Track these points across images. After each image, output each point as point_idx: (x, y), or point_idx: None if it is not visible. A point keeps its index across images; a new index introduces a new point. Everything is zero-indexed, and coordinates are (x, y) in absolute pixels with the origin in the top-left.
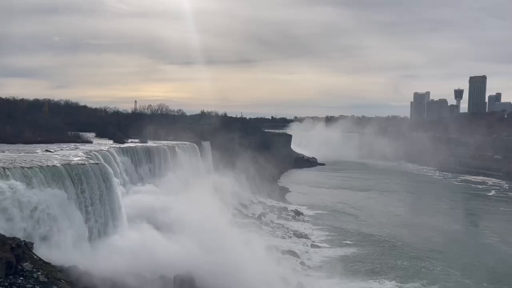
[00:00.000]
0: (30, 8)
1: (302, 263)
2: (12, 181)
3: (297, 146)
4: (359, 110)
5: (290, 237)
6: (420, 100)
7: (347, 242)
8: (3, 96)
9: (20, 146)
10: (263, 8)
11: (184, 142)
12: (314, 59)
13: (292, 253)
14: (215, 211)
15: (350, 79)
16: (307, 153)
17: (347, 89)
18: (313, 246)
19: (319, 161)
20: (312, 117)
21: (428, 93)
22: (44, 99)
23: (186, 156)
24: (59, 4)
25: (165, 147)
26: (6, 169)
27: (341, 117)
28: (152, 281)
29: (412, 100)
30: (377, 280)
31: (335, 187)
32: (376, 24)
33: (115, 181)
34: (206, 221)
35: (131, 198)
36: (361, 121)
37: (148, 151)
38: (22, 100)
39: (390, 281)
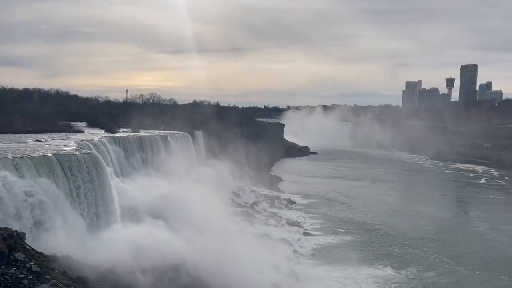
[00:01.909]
0: None
1: (295, 251)
2: (3, 172)
3: (289, 135)
4: (351, 99)
5: (283, 225)
6: (412, 89)
7: (340, 230)
8: None
9: (11, 136)
10: None
11: (176, 132)
12: (306, 47)
13: (285, 241)
14: (208, 200)
15: (342, 68)
16: (299, 142)
17: (339, 78)
18: (305, 234)
19: (311, 150)
20: (305, 106)
21: (420, 81)
22: (34, 88)
23: (179, 145)
24: None
25: (157, 136)
26: None
27: (334, 106)
28: (145, 270)
29: (404, 89)
30: (372, 267)
31: (327, 176)
32: (368, 13)
33: (107, 170)
34: (199, 210)
35: (123, 187)
36: (354, 110)
37: (140, 141)
38: (11, 89)
39: (385, 267)
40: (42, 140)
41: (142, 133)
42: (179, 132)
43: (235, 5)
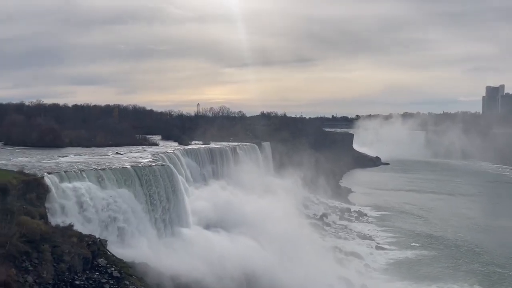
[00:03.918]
0: (98, 19)
1: (367, 265)
2: (88, 182)
3: (359, 145)
4: (424, 107)
5: (354, 238)
6: (494, 94)
7: (415, 244)
8: (78, 103)
9: (94, 149)
10: (319, 5)
11: (245, 143)
12: (374, 55)
13: (356, 255)
14: (278, 211)
15: (413, 74)
16: (370, 152)
17: (410, 85)
18: (378, 248)
19: (383, 160)
20: (375, 115)
21: (502, 86)
22: (114, 105)
23: (247, 156)
24: (123, 13)
25: (226, 148)
26: (82, 171)
27: (406, 114)
28: (218, 279)
29: (484, 94)
30: (455, 284)
31: (400, 188)
32: (440, 15)
33: (180, 181)
34: (270, 221)
35: (195, 197)
36: (428, 118)
37: (211, 152)
38: (94, 106)
39: (470, 286)
40: (121, 153)
41: (212, 145)
42: (248, 143)
43: (299, 16)
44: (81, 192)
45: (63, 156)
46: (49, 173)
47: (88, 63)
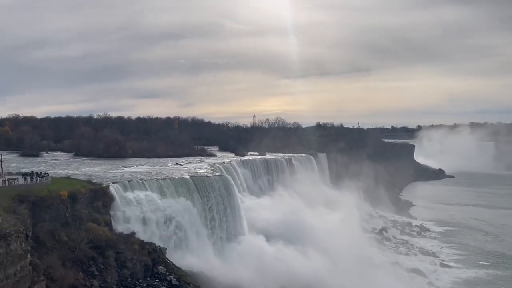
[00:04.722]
0: (159, 35)
1: (430, 283)
2: (149, 192)
3: (421, 157)
4: (492, 116)
5: (416, 254)
6: None
7: (484, 263)
8: (141, 116)
9: (155, 160)
10: (376, 15)
11: (300, 154)
12: (436, 63)
13: (418, 272)
14: (334, 223)
15: (479, 82)
16: (432, 164)
17: (477, 93)
18: (442, 265)
19: (447, 173)
20: (437, 125)
21: None
22: (174, 117)
23: (303, 167)
24: (183, 29)
25: (282, 159)
26: (144, 181)
27: (472, 124)
28: None
29: None
30: None
31: (467, 203)
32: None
33: (236, 191)
34: (325, 233)
35: (251, 207)
36: (497, 128)
37: (266, 163)
38: (156, 118)
39: None
40: (181, 163)
41: (268, 156)
42: (303, 154)
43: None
44: (142, 201)
45: (127, 167)
46: (113, 183)
47: (151, 77)
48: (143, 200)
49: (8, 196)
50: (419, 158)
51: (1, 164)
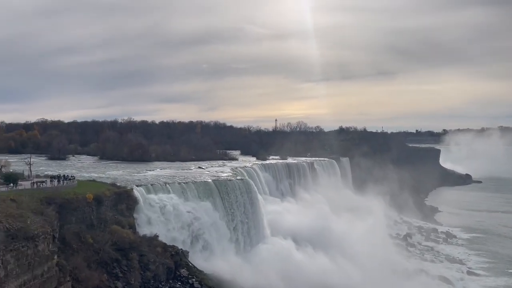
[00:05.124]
0: (182, 40)
1: None
2: (172, 195)
3: (447, 162)
4: None
5: (441, 261)
6: None
7: None
8: (164, 120)
9: (178, 163)
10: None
11: (322, 158)
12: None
13: (445, 280)
14: (357, 229)
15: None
16: (459, 169)
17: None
18: (469, 273)
19: (474, 178)
20: (464, 129)
21: None
22: (196, 121)
23: (325, 172)
24: (206, 34)
25: (304, 163)
26: (167, 184)
27: (501, 128)
28: None
29: None
30: None
31: (495, 209)
32: None
33: (258, 195)
34: (346, 237)
35: (273, 211)
36: None
37: (288, 167)
38: (179, 122)
39: None
40: (203, 167)
41: (289, 160)
42: (325, 158)
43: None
44: (165, 204)
45: (150, 170)
46: (137, 186)
47: (174, 82)
48: (166, 203)
49: (36, 198)
50: (446, 163)
51: (30, 167)
